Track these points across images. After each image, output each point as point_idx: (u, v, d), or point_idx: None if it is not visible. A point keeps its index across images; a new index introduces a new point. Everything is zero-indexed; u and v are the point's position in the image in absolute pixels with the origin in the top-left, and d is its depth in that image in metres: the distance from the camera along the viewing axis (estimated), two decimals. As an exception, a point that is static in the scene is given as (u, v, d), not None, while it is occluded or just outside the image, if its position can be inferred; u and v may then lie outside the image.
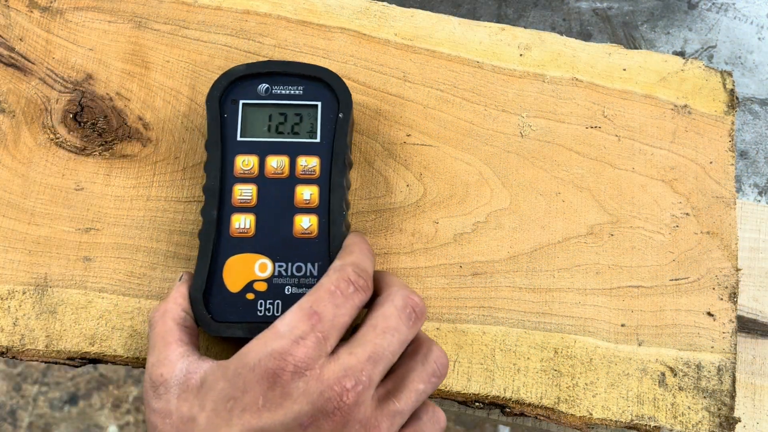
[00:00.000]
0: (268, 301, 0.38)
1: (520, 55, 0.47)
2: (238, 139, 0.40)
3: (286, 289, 0.38)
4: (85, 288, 0.42)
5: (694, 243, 0.44)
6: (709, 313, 0.43)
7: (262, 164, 0.40)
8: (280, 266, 0.38)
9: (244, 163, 0.39)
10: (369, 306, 0.36)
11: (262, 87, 0.41)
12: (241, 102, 0.41)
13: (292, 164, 0.40)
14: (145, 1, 0.47)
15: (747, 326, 0.48)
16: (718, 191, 0.45)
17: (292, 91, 0.41)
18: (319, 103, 0.41)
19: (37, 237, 0.42)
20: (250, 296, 0.38)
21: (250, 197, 0.39)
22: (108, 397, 1.17)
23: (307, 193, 0.39)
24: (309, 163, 0.39)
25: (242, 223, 0.39)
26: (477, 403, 0.41)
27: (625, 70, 0.47)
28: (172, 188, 0.44)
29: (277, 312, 0.37)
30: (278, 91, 0.41)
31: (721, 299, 0.43)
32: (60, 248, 0.42)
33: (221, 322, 0.37)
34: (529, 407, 0.41)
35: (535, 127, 0.46)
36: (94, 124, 0.44)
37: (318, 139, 0.40)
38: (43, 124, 0.44)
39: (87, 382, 1.18)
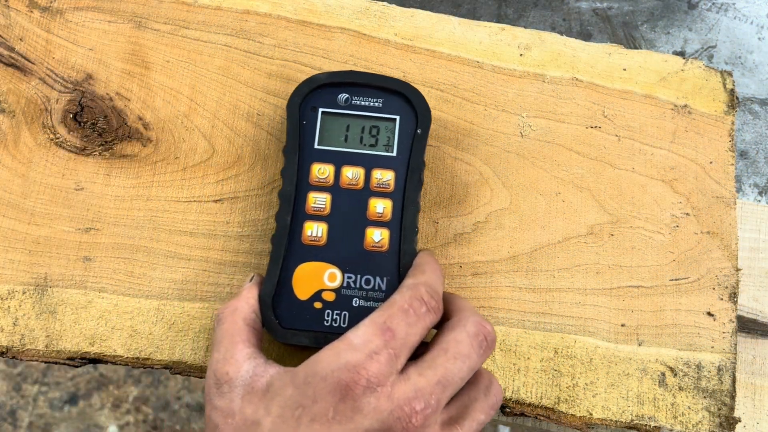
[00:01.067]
0: (335, 312, 0.37)
1: (520, 55, 0.47)
2: (316, 147, 0.40)
3: (353, 301, 0.38)
4: (85, 288, 0.42)
5: (694, 243, 0.44)
6: (709, 313, 0.43)
7: (337, 174, 0.40)
8: (349, 277, 0.38)
9: (320, 171, 0.39)
10: (437, 327, 0.36)
11: (342, 96, 0.41)
12: (321, 110, 0.41)
13: (367, 176, 0.40)
14: (145, 1, 0.47)
15: (747, 326, 0.48)
16: (718, 191, 0.45)
17: (372, 103, 0.41)
18: (397, 117, 0.41)
19: (37, 237, 0.42)
20: (318, 305, 0.37)
21: (323, 206, 0.39)
22: (108, 397, 1.17)
23: (380, 207, 0.39)
24: (384, 176, 0.39)
25: (314, 231, 0.38)
26: (477, 403, 0.41)
27: (625, 70, 0.47)
28: (172, 188, 0.44)
29: (344, 323, 0.37)
30: (358, 102, 0.41)
31: (721, 299, 0.43)
32: (60, 248, 0.42)
33: (288, 329, 0.37)
34: (529, 407, 0.41)
35: (535, 127, 0.46)
36: (94, 124, 0.44)
37: (394, 153, 0.40)
38: (43, 124, 0.44)
39: (87, 382, 1.18)
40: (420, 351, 0.34)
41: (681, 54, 0.61)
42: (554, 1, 0.63)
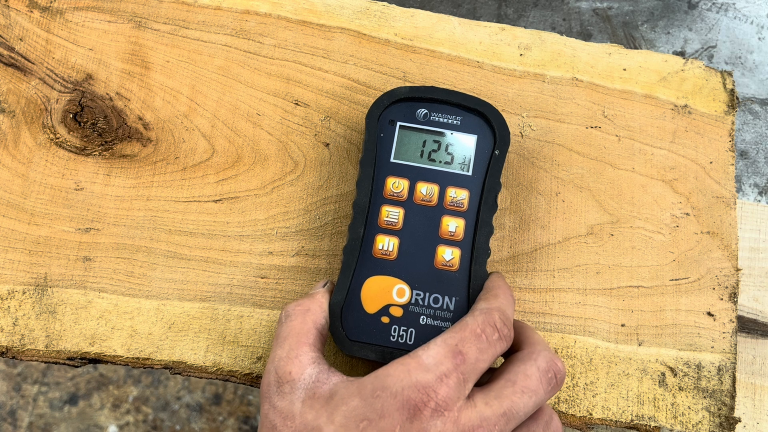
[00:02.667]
0: (402, 328, 0.37)
1: (520, 55, 0.47)
2: (392, 160, 0.40)
3: (421, 319, 0.37)
4: (85, 288, 0.42)
5: (694, 243, 0.44)
6: (709, 313, 0.43)
7: (412, 189, 0.39)
8: (418, 294, 0.38)
9: (395, 185, 0.39)
10: (504, 356, 0.36)
11: (421, 112, 0.40)
12: (399, 124, 0.40)
13: (441, 194, 0.39)
14: (145, 1, 0.47)
15: (747, 326, 0.48)
16: (718, 191, 0.45)
17: (450, 121, 0.40)
18: (475, 137, 0.40)
19: (37, 237, 0.42)
20: (385, 320, 0.37)
21: (396, 220, 0.39)
22: (108, 397, 1.17)
23: (452, 225, 0.39)
24: (458, 195, 0.39)
25: (386, 245, 0.38)
26: (477, 403, 0.41)
27: (625, 70, 0.47)
28: (172, 188, 0.44)
29: (410, 340, 0.37)
30: (436, 118, 0.40)
31: (721, 299, 0.43)
32: (60, 248, 0.42)
33: (354, 341, 0.37)
34: (529, 407, 0.41)
35: (535, 127, 0.46)
36: (94, 124, 0.44)
37: (470, 173, 0.40)
38: (43, 124, 0.44)
39: (87, 382, 1.18)
40: (483, 378, 0.34)
41: (681, 54, 0.61)
42: (554, 1, 0.63)
